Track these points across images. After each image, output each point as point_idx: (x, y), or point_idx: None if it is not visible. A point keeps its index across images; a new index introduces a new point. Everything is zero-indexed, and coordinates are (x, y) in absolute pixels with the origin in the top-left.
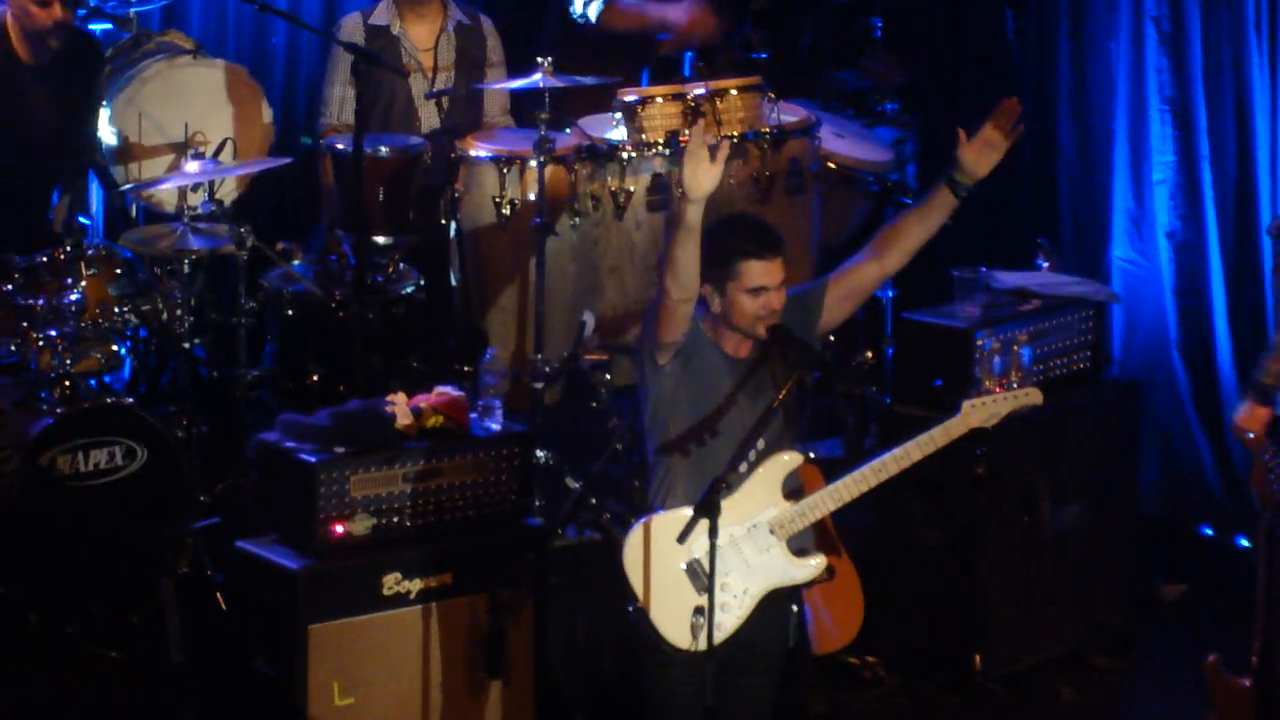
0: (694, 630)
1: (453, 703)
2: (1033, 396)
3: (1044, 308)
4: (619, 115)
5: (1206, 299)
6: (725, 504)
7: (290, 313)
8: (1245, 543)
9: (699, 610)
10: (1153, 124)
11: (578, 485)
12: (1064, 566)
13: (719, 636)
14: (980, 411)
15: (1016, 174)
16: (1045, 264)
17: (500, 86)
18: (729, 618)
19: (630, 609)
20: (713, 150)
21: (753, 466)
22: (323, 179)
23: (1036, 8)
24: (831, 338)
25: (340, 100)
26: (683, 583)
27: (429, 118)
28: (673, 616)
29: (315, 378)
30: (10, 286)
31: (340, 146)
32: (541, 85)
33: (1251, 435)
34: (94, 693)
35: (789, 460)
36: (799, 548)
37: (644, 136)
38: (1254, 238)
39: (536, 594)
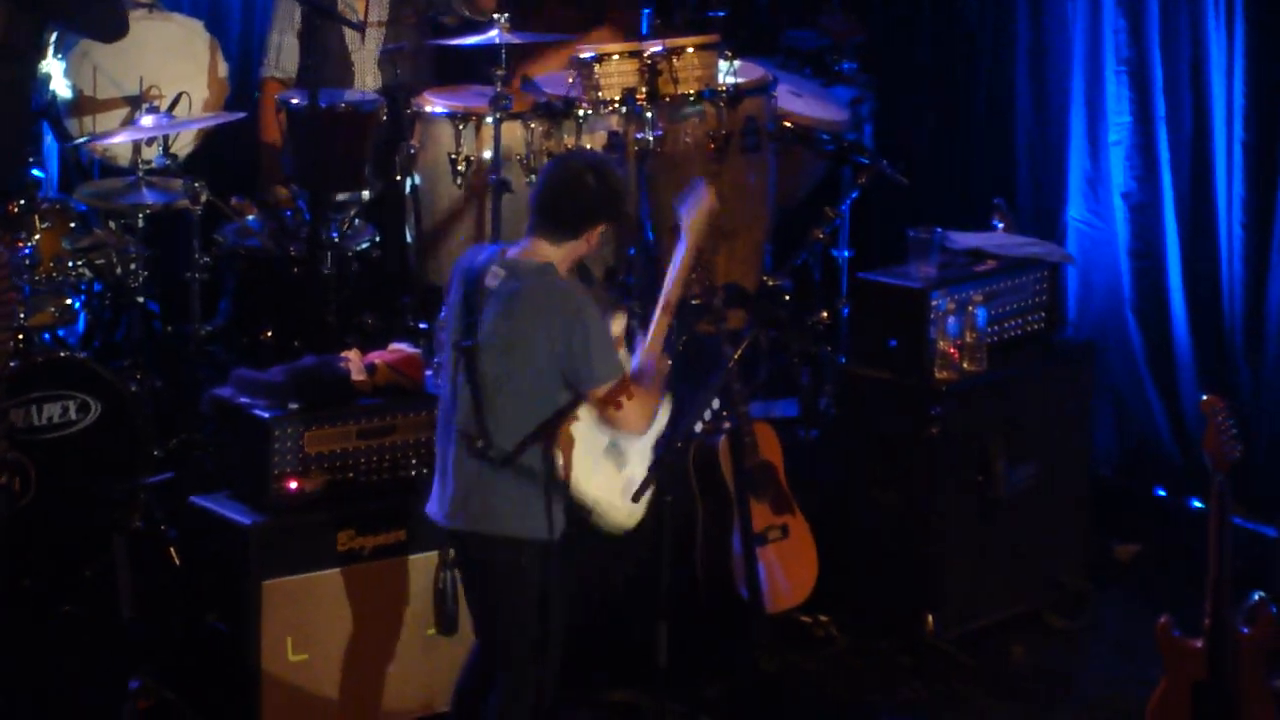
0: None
1: (405, 658)
2: None
3: (999, 268)
4: (574, 71)
5: (1162, 260)
6: None
7: (245, 268)
8: (1198, 504)
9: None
10: (1109, 85)
11: None
12: (1018, 527)
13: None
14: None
15: (973, 134)
16: (1001, 225)
17: (458, 44)
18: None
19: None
20: None
21: None
22: (263, 133)
23: None
24: (787, 297)
25: (278, 48)
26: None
27: (365, 72)
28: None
29: (269, 333)
30: None
31: (295, 101)
32: (498, 41)
33: (1205, 397)
34: (47, 647)
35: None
36: None
37: (600, 94)
38: (1209, 199)
39: None
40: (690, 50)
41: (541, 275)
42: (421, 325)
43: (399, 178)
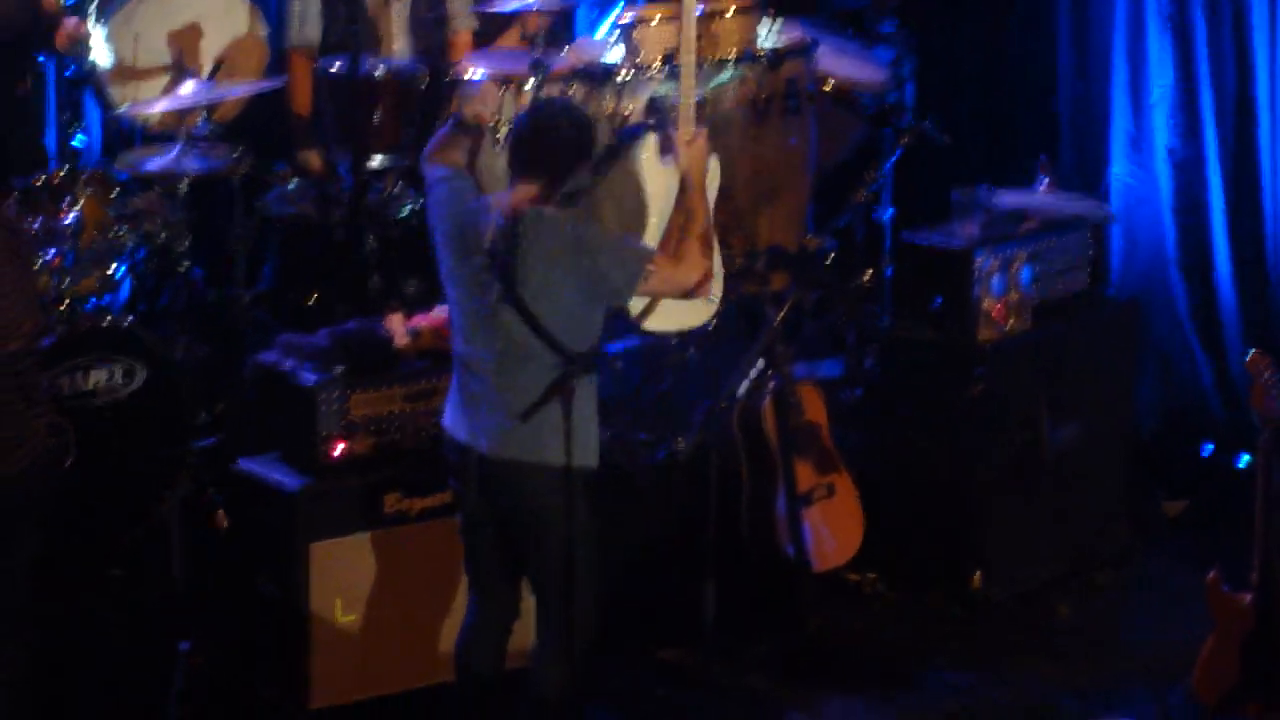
0: None
1: (453, 619)
2: None
3: (1043, 227)
4: (615, 36)
5: (1205, 216)
6: None
7: (288, 234)
8: (1245, 460)
9: None
10: (1151, 41)
11: None
12: (1064, 485)
13: None
14: None
15: (1015, 93)
16: (1044, 183)
17: (496, 9)
18: None
19: None
20: None
21: None
22: (292, 104)
23: None
24: (829, 258)
25: (300, 15)
26: None
27: (393, 36)
28: None
29: (314, 298)
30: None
31: (335, 68)
32: (537, 6)
33: (1252, 353)
34: (96, 612)
35: None
36: None
37: (640, 58)
38: (1253, 155)
39: None
40: (731, 13)
41: (539, 221)
42: None
43: None
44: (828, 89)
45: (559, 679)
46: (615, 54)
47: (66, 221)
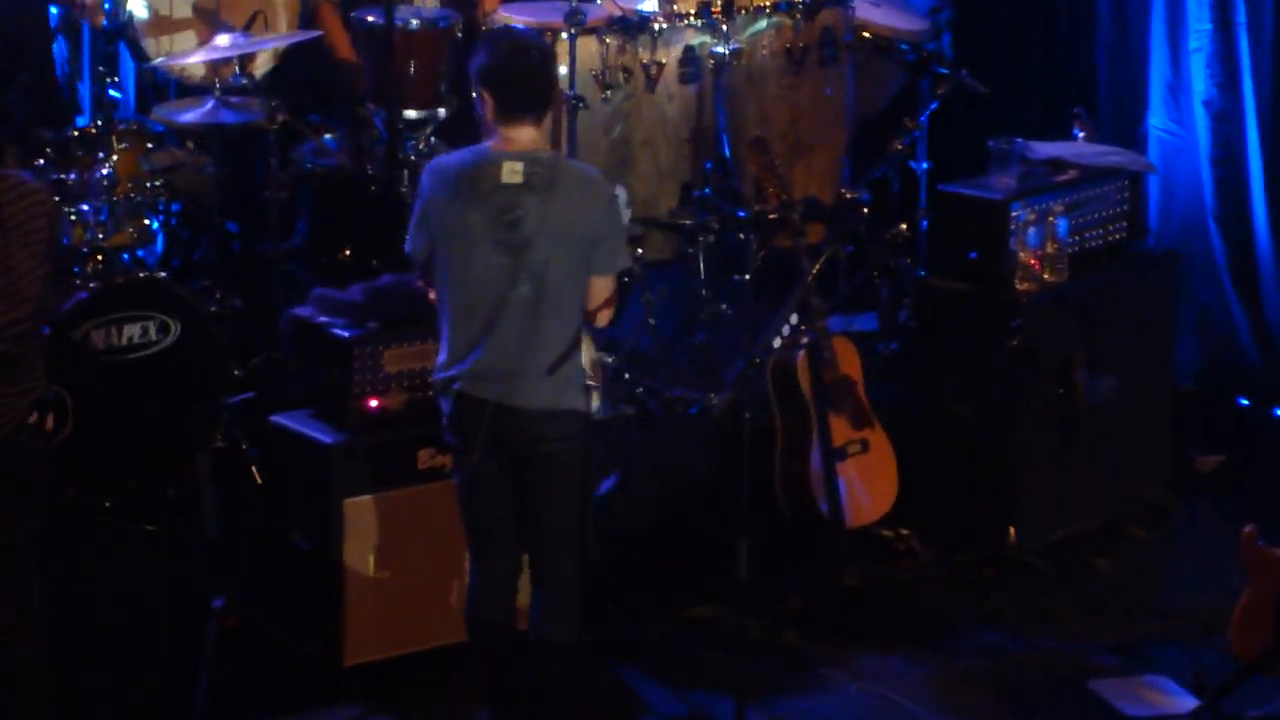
0: None
1: None
2: None
3: (1080, 178)
4: None
5: (1244, 169)
6: None
7: (322, 188)
8: None
9: None
10: None
11: (611, 360)
12: (1100, 439)
13: None
14: None
15: (1053, 42)
16: (1081, 134)
17: None
18: None
19: None
20: None
21: None
22: (335, 53)
23: None
24: (865, 210)
25: None
26: None
27: None
28: None
29: (348, 253)
30: (42, 161)
31: (370, 19)
32: None
33: None
34: (130, 566)
35: None
36: None
37: (676, 7)
38: None
39: None
40: None
41: (567, 165)
42: None
43: (475, 95)
44: (866, 37)
45: (571, 622)
46: (649, 3)
47: (101, 175)
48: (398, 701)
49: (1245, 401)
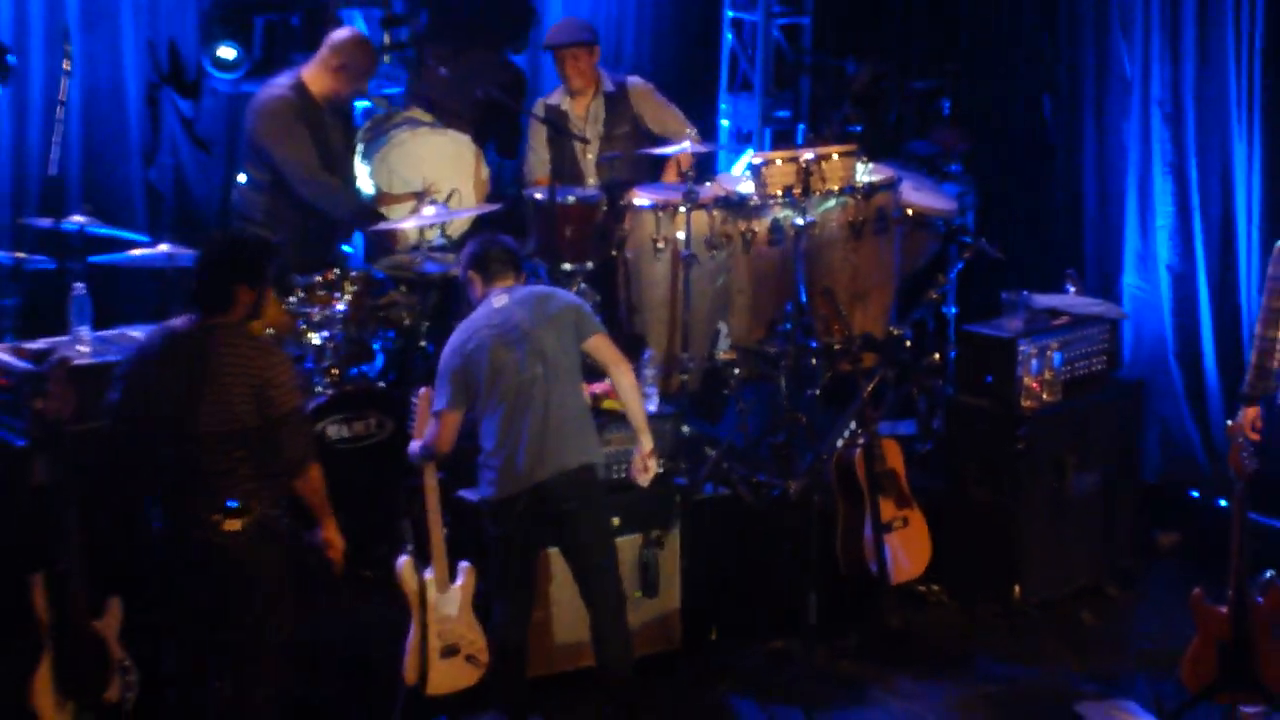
0: None
1: (566, 616)
2: None
3: (1071, 322)
4: (748, 172)
5: (1197, 318)
6: None
7: None
8: (1224, 503)
9: None
10: (1156, 182)
11: (713, 453)
12: (1084, 519)
13: None
14: None
15: (1051, 220)
16: (1072, 289)
17: (659, 152)
18: None
19: None
20: None
21: None
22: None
23: (1069, 94)
24: (908, 343)
25: (535, 158)
26: None
27: (588, 174)
28: None
29: None
30: (294, 299)
31: (539, 196)
32: (690, 150)
33: (1230, 424)
34: (353, 601)
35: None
36: None
37: (767, 189)
38: (1234, 271)
39: (682, 534)
40: (835, 156)
41: (531, 287)
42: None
43: (614, 253)
44: (909, 214)
45: (629, 643)
46: (747, 186)
47: (337, 310)
48: None
49: (1196, 494)
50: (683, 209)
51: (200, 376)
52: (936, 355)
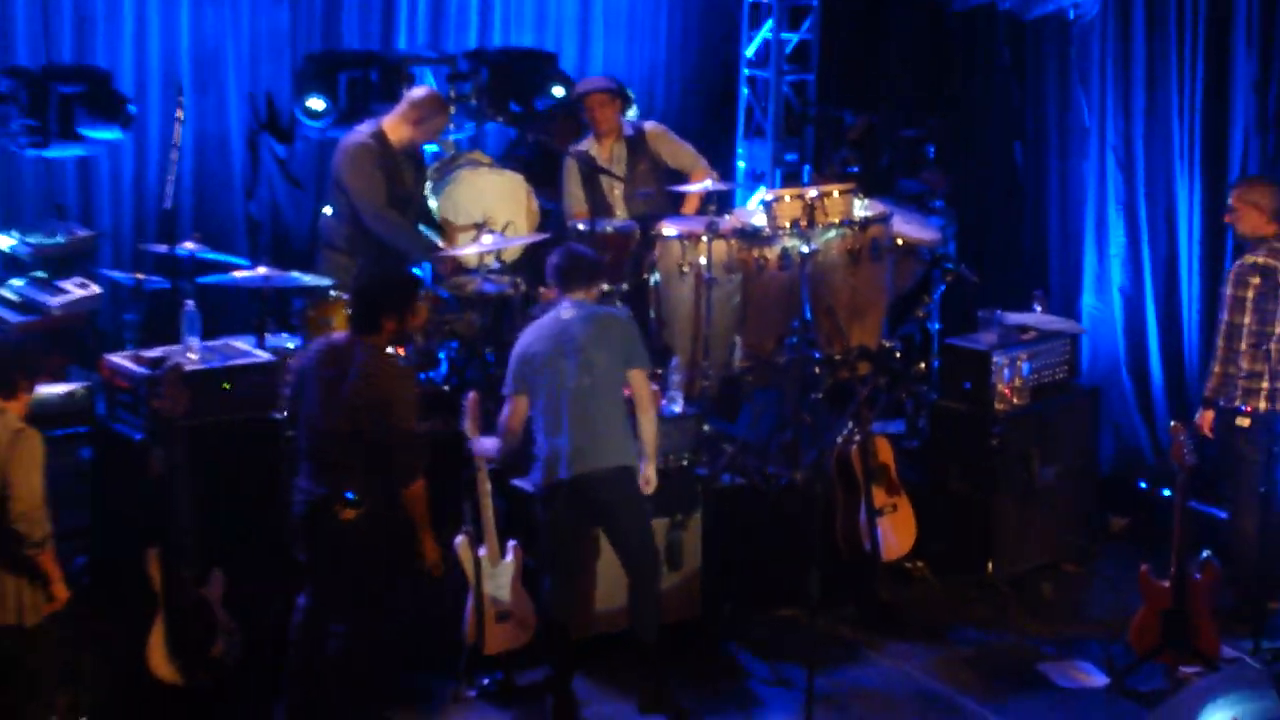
0: None
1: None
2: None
3: (1038, 337)
4: (761, 207)
5: (1144, 335)
6: None
7: None
8: (1167, 493)
9: None
10: (1111, 217)
11: (730, 447)
12: (1047, 506)
13: None
14: None
15: (1021, 249)
16: (1039, 308)
17: (683, 189)
18: None
19: None
20: None
21: None
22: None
23: (1036, 141)
24: (898, 354)
25: (572, 196)
26: None
27: (617, 206)
28: None
29: None
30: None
31: (581, 227)
32: (710, 188)
33: (1173, 423)
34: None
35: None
36: None
37: (777, 222)
38: (1176, 296)
39: (703, 517)
40: (836, 194)
41: (599, 307)
42: (658, 371)
43: (645, 276)
44: (899, 243)
45: (658, 613)
46: (760, 219)
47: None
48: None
49: (1143, 484)
50: (705, 238)
51: (339, 382)
52: (922, 364)
